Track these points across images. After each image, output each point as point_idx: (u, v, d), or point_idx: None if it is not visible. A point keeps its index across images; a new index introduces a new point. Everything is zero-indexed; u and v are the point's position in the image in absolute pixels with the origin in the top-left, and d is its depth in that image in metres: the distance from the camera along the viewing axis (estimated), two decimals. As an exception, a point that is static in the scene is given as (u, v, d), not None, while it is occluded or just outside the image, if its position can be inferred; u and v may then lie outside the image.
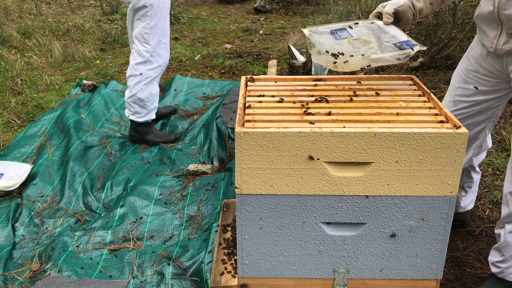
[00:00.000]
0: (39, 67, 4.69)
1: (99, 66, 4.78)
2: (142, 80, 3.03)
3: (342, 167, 1.51)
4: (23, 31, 5.60)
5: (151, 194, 2.66)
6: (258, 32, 5.92)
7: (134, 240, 2.33)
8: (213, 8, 7.21)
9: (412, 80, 1.86)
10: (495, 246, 1.92)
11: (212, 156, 3.09)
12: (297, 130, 1.46)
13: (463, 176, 2.23)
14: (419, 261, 1.64)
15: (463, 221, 2.38)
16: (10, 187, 2.67)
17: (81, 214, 2.58)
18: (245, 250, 1.66)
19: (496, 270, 1.93)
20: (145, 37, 2.93)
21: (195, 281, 2.07)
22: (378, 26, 1.81)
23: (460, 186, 2.27)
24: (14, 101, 3.91)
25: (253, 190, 1.56)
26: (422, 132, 1.44)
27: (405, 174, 1.50)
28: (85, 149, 3.11)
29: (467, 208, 2.34)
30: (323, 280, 1.70)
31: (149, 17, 2.89)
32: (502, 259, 1.89)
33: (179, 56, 5.01)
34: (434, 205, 1.54)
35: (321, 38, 1.75)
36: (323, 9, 6.45)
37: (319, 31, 1.80)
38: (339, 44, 1.72)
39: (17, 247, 2.33)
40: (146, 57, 2.99)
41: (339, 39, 1.74)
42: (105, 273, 2.14)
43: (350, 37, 1.76)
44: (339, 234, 1.61)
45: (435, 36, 4.46)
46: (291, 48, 3.87)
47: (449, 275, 2.12)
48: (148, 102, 3.10)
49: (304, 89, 1.80)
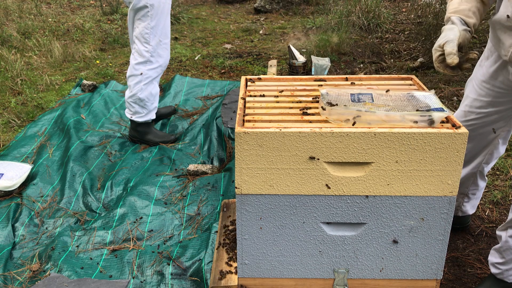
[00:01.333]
0: (39, 67, 4.69)
1: (99, 66, 4.78)
2: (142, 80, 3.03)
3: (342, 167, 1.51)
4: (23, 31, 5.60)
5: (151, 194, 2.66)
6: (258, 32, 5.92)
7: (134, 240, 2.33)
8: (213, 8, 7.21)
9: (412, 80, 1.86)
10: (495, 247, 1.92)
11: (212, 156, 3.09)
12: (297, 130, 1.46)
13: (470, 182, 2.18)
14: (419, 261, 1.64)
15: (464, 224, 2.35)
16: (10, 187, 2.67)
17: (81, 214, 2.58)
18: (245, 250, 1.66)
19: (495, 271, 1.92)
20: (146, 37, 2.93)
21: (195, 281, 2.07)
22: (413, 95, 1.62)
23: (465, 193, 2.22)
24: (14, 101, 3.91)
25: (253, 190, 1.56)
26: (422, 132, 1.44)
27: (405, 174, 1.50)
28: (85, 149, 3.11)
29: (468, 213, 2.30)
30: (323, 280, 1.70)
31: (149, 17, 2.89)
32: (502, 261, 1.88)
33: (179, 56, 5.01)
34: (434, 205, 1.54)
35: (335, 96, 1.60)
36: (323, 9, 6.45)
37: (336, 92, 1.64)
38: (353, 105, 1.55)
39: (17, 247, 2.33)
40: (147, 57, 2.99)
41: (356, 101, 1.57)
42: (105, 273, 2.14)
43: (370, 101, 1.57)
44: (339, 234, 1.61)
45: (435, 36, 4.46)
46: (291, 48, 3.87)
47: (449, 275, 2.12)
48: (148, 102, 3.11)
49: (304, 89, 1.80)
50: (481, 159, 2.09)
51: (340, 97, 1.59)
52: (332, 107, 1.51)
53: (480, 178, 2.18)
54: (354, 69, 4.43)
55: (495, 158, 2.11)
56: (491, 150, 2.06)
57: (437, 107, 1.51)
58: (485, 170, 2.15)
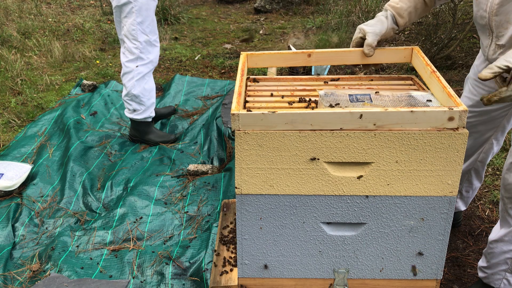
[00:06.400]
0: (39, 67, 4.69)
1: (99, 66, 4.78)
2: (134, 76, 3.06)
3: (342, 167, 1.51)
4: (23, 31, 5.60)
5: (151, 194, 2.66)
6: (258, 32, 5.92)
7: (134, 240, 2.33)
8: (213, 8, 7.21)
9: (412, 80, 1.86)
10: (484, 250, 1.91)
11: (212, 156, 3.09)
12: (297, 130, 1.46)
13: (464, 179, 2.20)
14: (419, 261, 1.64)
15: (456, 221, 2.37)
16: (10, 187, 2.67)
17: (81, 214, 2.58)
18: (245, 250, 1.66)
19: (482, 275, 1.92)
20: (133, 33, 2.96)
21: (195, 281, 2.07)
22: (411, 95, 1.61)
23: (459, 189, 2.24)
24: (14, 101, 3.91)
25: (253, 190, 1.56)
26: (422, 132, 1.44)
27: (405, 174, 1.50)
28: (85, 149, 3.11)
29: (460, 209, 2.32)
30: (323, 280, 1.69)
31: (135, 13, 2.92)
32: (487, 265, 1.88)
33: (179, 56, 5.01)
34: (434, 205, 1.54)
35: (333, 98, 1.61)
36: (323, 9, 6.45)
37: (336, 93, 1.65)
38: (352, 105, 1.55)
39: (17, 247, 2.33)
40: (136, 54, 3.02)
41: (355, 102, 1.58)
42: (105, 273, 2.14)
43: (369, 102, 1.58)
44: (339, 234, 1.61)
45: (435, 36, 4.46)
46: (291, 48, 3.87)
47: (449, 275, 2.12)
48: (144, 97, 3.12)
49: (304, 89, 1.80)
50: (476, 157, 2.12)
51: (339, 98, 1.60)
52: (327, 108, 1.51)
53: (476, 176, 2.20)
54: (354, 69, 4.43)
55: (489, 156, 2.13)
56: (486, 149, 2.08)
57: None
58: (481, 169, 2.17)
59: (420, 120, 1.42)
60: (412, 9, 1.77)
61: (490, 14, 1.62)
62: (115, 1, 2.93)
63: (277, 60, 1.88)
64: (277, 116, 1.43)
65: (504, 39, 1.63)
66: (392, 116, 1.42)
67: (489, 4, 1.62)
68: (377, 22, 1.76)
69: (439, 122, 1.42)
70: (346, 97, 1.60)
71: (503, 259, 1.81)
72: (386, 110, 1.42)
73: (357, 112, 1.42)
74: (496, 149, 2.09)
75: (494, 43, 1.68)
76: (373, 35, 1.72)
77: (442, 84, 1.55)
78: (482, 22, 1.69)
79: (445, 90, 1.51)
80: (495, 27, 1.64)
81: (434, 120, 1.42)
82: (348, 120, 1.43)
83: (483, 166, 2.15)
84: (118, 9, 2.96)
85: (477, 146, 2.07)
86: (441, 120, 1.41)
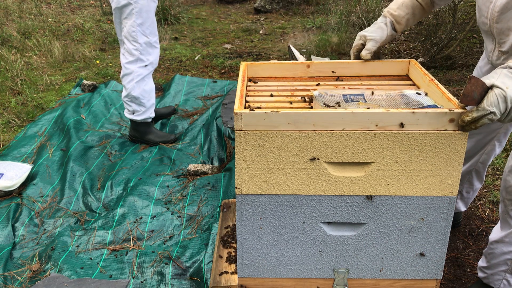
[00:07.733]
0: (39, 67, 4.69)
1: (99, 66, 4.78)
2: (134, 78, 3.06)
3: (342, 167, 1.51)
4: (23, 31, 5.60)
5: (151, 194, 2.66)
6: (258, 32, 5.92)
7: (134, 240, 2.33)
8: (213, 8, 7.21)
9: (412, 80, 1.86)
10: (484, 250, 1.91)
11: (212, 156, 3.09)
12: (297, 130, 1.46)
13: (465, 180, 2.19)
14: (419, 261, 1.64)
15: (456, 221, 2.37)
16: (10, 187, 2.67)
17: (81, 214, 2.58)
18: (245, 250, 1.66)
19: (481, 275, 1.91)
20: (133, 35, 2.96)
21: (195, 281, 2.07)
22: (404, 94, 1.63)
23: (459, 190, 2.23)
24: (14, 101, 3.91)
25: (253, 190, 1.56)
26: (422, 132, 1.44)
27: (405, 174, 1.50)
28: (85, 149, 3.11)
29: (460, 210, 2.31)
30: (323, 280, 1.70)
31: (135, 14, 2.92)
32: (487, 265, 1.88)
33: (179, 56, 5.01)
34: (434, 205, 1.54)
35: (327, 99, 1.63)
36: (323, 9, 6.45)
37: (329, 93, 1.67)
38: (347, 105, 1.56)
39: (17, 247, 2.33)
40: (136, 55, 3.02)
41: (349, 102, 1.60)
42: (105, 273, 2.14)
43: (363, 101, 1.59)
44: (339, 234, 1.61)
45: (435, 36, 4.46)
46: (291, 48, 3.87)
47: (449, 275, 2.12)
48: (144, 99, 3.12)
49: (304, 89, 1.80)
50: (477, 158, 2.11)
51: (333, 98, 1.61)
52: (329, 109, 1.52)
53: (477, 177, 2.19)
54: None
55: (491, 157, 2.12)
56: (488, 150, 2.08)
57: (429, 104, 1.53)
58: (482, 170, 2.16)
59: (422, 122, 1.42)
60: (410, 16, 1.85)
61: (491, 22, 1.62)
62: (114, 3, 2.93)
63: (277, 70, 1.92)
64: (280, 116, 1.44)
65: (507, 46, 1.63)
66: (394, 117, 1.43)
67: (489, 12, 1.62)
68: (377, 29, 1.84)
69: (440, 124, 1.42)
70: (341, 97, 1.61)
71: (503, 260, 1.81)
72: (388, 111, 1.42)
73: (360, 113, 1.42)
74: (498, 150, 2.08)
75: (497, 49, 1.68)
76: (373, 42, 1.82)
77: (441, 90, 1.57)
78: (485, 28, 1.70)
79: (445, 95, 1.52)
80: (496, 34, 1.64)
81: (435, 122, 1.42)
82: (350, 121, 1.44)
83: (484, 167, 2.15)
84: (118, 10, 2.96)
85: (479, 148, 2.06)
86: (442, 121, 1.42)
